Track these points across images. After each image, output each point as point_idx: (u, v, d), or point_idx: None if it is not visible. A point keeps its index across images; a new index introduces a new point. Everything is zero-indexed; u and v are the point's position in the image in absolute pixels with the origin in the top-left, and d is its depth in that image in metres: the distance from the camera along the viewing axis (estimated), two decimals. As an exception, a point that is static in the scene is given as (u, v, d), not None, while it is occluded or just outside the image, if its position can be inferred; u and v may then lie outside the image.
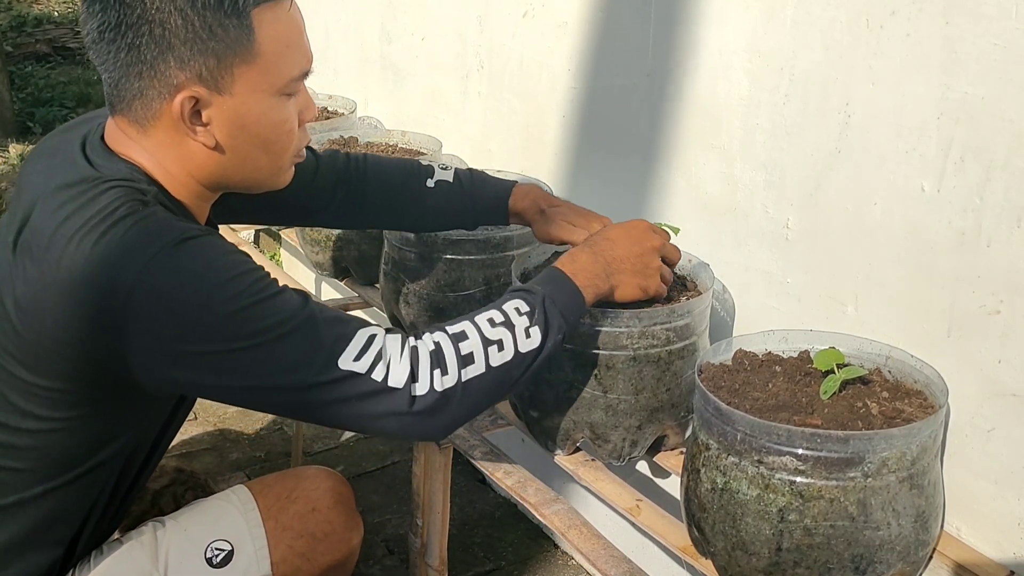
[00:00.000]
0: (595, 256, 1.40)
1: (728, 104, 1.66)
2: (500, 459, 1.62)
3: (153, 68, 1.21)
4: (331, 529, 1.48)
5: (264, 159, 1.30)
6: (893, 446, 1.20)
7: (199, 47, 1.20)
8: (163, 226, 1.19)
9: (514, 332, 1.27)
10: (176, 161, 1.28)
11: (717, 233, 1.73)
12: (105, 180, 1.22)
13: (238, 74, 1.22)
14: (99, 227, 1.17)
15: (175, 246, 1.17)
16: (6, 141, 5.33)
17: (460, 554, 2.26)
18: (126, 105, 1.26)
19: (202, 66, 1.21)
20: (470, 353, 1.24)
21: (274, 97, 1.27)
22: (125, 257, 1.15)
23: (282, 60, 1.25)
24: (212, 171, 1.29)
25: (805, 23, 1.50)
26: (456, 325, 1.27)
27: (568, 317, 1.32)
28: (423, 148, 2.38)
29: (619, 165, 1.93)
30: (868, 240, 1.47)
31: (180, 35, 1.19)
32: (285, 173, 1.36)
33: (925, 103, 1.35)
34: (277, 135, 1.29)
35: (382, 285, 2.00)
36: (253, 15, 1.21)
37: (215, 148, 1.26)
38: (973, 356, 1.35)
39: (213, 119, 1.24)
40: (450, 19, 2.40)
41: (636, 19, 1.82)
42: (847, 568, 1.22)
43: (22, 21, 7.81)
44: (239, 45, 1.21)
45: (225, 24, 1.20)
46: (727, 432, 1.25)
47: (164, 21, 1.19)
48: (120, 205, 1.19)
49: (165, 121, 1.25)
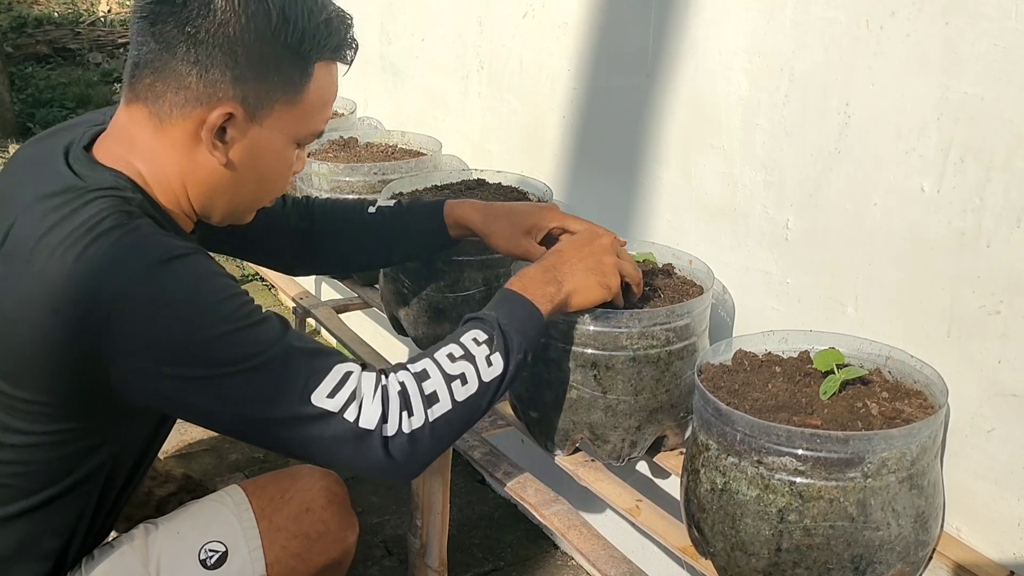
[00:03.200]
0: (544, 268, 1.39)
1: (728, 104, 1.66)
2: (500, 460, 1.62)
3: (207, 72, 1.21)
4: (326, 529, 1.47)
5: (252, 192, 1.34)
6: (893, 446, 1.20)
7: (259, 73, 1.22)
8: (149, 241, 1.18)
9: (475, 363, 1.25)
10: (177, 166, 1.27)
11: (717, 233, 1.73)
12: (90, 190, 1.21)
13: (276, 110, 1.26)
14: (83, 239, 1.15)
15: (160, 264, 1.16)
16: (6, 142, 5.34)
17: (459, 555, 2.26)
18: (155, 96, 1.24)
19: (252, 91, 1.23)
20: (434, 392, 1.23)
21: (287, 142, 1.30)
22: (108, 271, 1.14)
23: (315, 113, 1.30)
24: (206, 187, 1.29)
25: (805, 23, 1.50)
26: (418, 364, 1.25)
27: (528, 334, 1.31)
28: (423, 148, 2.38)
29: (619, 165, 1.93)
30: (868, 240, 1.47)
31: (248, 55, 1.21)
32: (254, 212, 1.40)
33: (925, 103, 1.35)
34: (275, 175, 1.33)
35: (382, 286, 2.00)
36: (316, 66, 1.27)
37: (224, 166, 1.27)
38: (973, 356, 1.35)
39: (235, 140, 1.26)
40: (450, 20, 2.40)
41: (636, 19, 1.82)
42: (847, 568, 1.22)
43: (22, 22, 7.81)
44: (291, 86, 1.26)
45: (291, 63, 1.24)
46: (727, 432, 1.25)
47: (239, 36, 1.20)
48: (105, 216, 1.17)
49: (189, 125, 1.24)
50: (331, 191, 2.18)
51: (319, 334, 3.38)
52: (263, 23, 1.21)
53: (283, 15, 1.22)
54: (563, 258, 1.41)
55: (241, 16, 1.20)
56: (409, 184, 2.08)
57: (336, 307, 2.30)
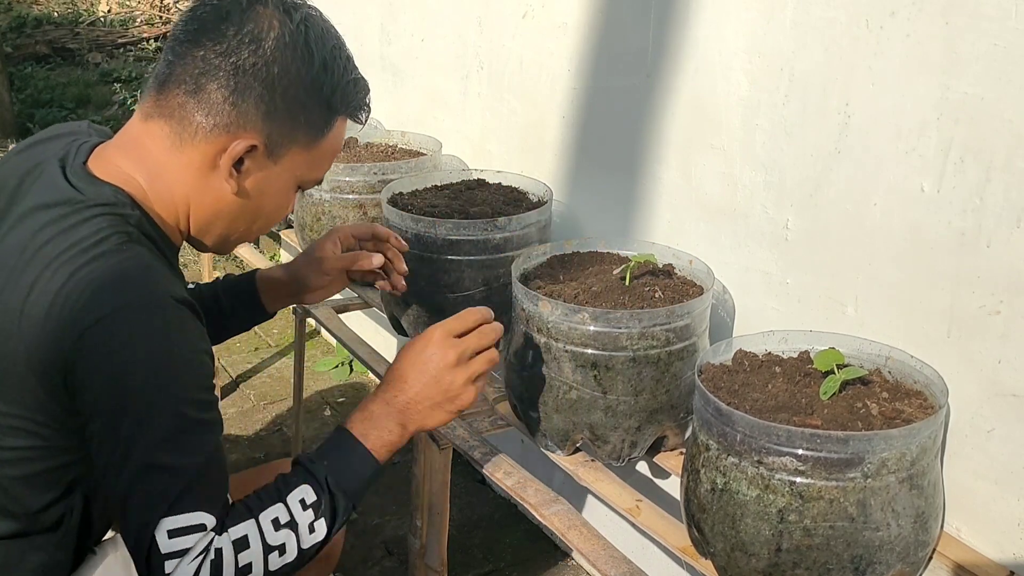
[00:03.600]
0: (387, 405, 1.33)
1: (728, 104, 1.66)
2: (500, 460, 1.62)
3: (241, 102, 1.24)
4: None
5: (248, 224, 1.37)
6: (893, 446, 1.20)
7: (289, 113, 1.27)
8: (147, 276, 1.19)
9: (298, 532, 1.22)
10: (187, 187, 1.29)
11: (717, 233, 1.73)
12: (89, 205, 1.21)
13: (293, 151, 1.30)
14: (79, 258, 1.15)
15: (151, 305, 1.16)
16: (6, 142, 5.34)
17: (460, 555, 2.26)
18: (183, 115, 1.25)
19: (278, 129, 1.27)
20: (248, 564, 1.19)
21: (292, 184, 1.34)
22: (99, 297, 1.14)
23: (322, 161, 1.35)
24: (209, 212, 1.31)
25: (805, 24, 1.50)
26: (240, 527, 1.21)
27: (357, 491, 1.28)
28: (423, 148, 2.38)
29: (618, 166, 1.93)
30: (868, 240, 1.47)
31: (284, 95, 1.25)
32: (237, 245, 1.44)
33: (925, 103, 1.35)
34: (271, 212, 1.37)
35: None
36: (337, 118, 1.33)
37: (234, 194, 1.30)
38: (973, 356, 1.35)
39: (249, 172, 1.29)
40: (450, 20, 2.40)
41: (636, 19, 1.82)
42: (847, 569, 1.22)
43: (22, 22, 7.81)
44: (313, 132, 1.30)
45: (318, 111, 1.29)
46: (727, 433, 1.25)
47: (280, 75, 1.25)
48: (104, 237, 1.17)
49: (210, 149, 1.26)
50: (331, 191, 2.18)
51: (319, 334, 3.38)
52: (305, 69, 1.26)
53: (324, 66, 1.28)
54: (406, 391, 1.34)
55: (288, 58, 1.25)
56: (409, 184, 2.08)
57: (336, 307, 2.29)
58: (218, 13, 1.24)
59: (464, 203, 1.97)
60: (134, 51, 7.47)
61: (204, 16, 1.25)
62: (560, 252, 1.78)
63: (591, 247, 1.80)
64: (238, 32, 1.23)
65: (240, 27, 1.23)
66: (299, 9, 1.28)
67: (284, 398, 2.99)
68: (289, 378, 3.06)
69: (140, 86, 6.28)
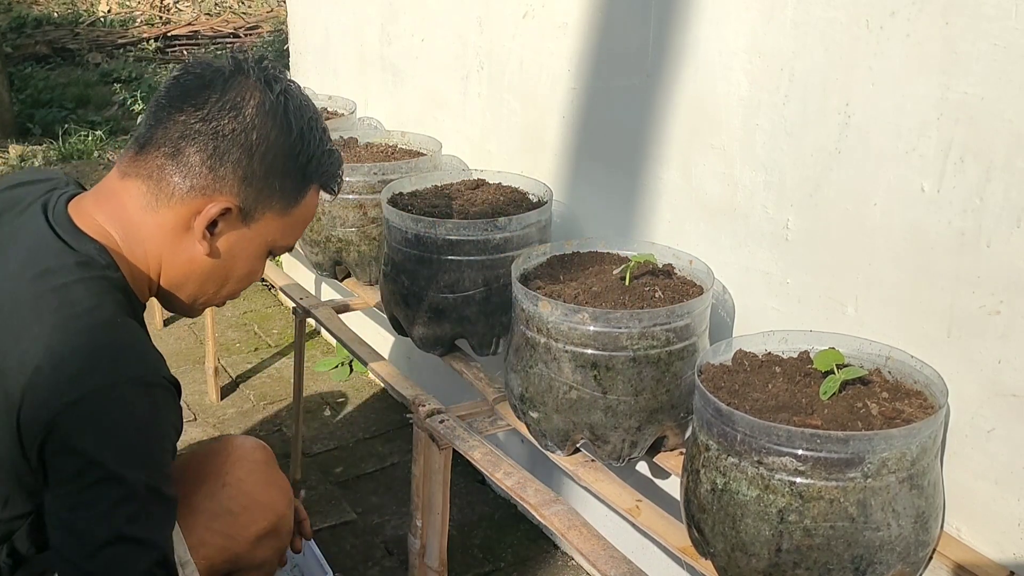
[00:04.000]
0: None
1: (728, 104, 1.66)
2: (500, 460, 1.62)
3: (219, 166, 1.28)
4: (249, 501, 1.46)
5: (216, 288, 1.40)
6: (893, 446, 1.20)
7: (265, 179, 1.31)
8: (140, 352, 1.22)
9: None
10: (160, 247, 1.31)
11: (717, 233, 1.73)
12: (80, 263, 1.23)
13: (267, 217, 1.34)
14: (72, 324, 1.18)
15: (144, 383, 1.19)
16: (6, 142, 5.33)
17: (459, 555, 2.26)
18: (160, 177, 1.28)
19: (253, 193, 1.31)
20: None
21: (264, 249, 1.39)
22: (95, 366, 1.17)
23: (293, 229, 1.40)
24: (180, 273, 1.34)
25: (805, 24, 1.50)
26: None
27: None
28: (423, 148, 2.38)
29: (619, 165, 1.93)
30: (868, 240, 1.47)
31: (262, 161, 1.29)
32: (204, 309, 1.46)
33: (925, 103, 1.35)
34: (242, 276, 1.40)
35: (382, 286, 2.00)
36: (311, 187, 1.38)
37: (207, 255, 1.33)
38: (973, 356, 1.35)
39: (222, 235, 1.33)
40: (450, 20, 2.40)
41: (636, 20, 1.82)
42: (847, 569, 1.22)
43: (22, 22, 7.81)
44: (288, 198, 1.35)
45: (292, 179, 1.34)
46: (727, 433, 1.25)
47: (258, 142, 1.29)
48: (97, 304, 1.20)
49: (185, 212, 1.29)
50: (331, 191, 2.18)
51: (319, 334, 3.38)
52: (283, 137, 1.31)
53: (301, 135, 1.32)
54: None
55: (268, 126, 1.29)
56: (409, 184, 2.08)
57: (336, 307, 2.30)
58: (201, 81, 1.29)
59: (464, 203, 1.97)
60: (134, 51, 7.47)
61: (187, 83, 1.30)
62: (560, 252, 1.78)
63: (591, 247, 1.80)
64: (220, 99, 1.28)
65: (222, 95, 1.28)
66: (279, 81, 1.33)
67: (284, 398, 2.99)
68: (289, 378, 3.06)
69: (140, 86, 6.29)
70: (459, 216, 1.90)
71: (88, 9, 8.46)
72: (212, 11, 8.43)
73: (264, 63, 1.34)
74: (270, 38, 7.31)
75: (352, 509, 2.46)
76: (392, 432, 2.81)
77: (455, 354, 1.94)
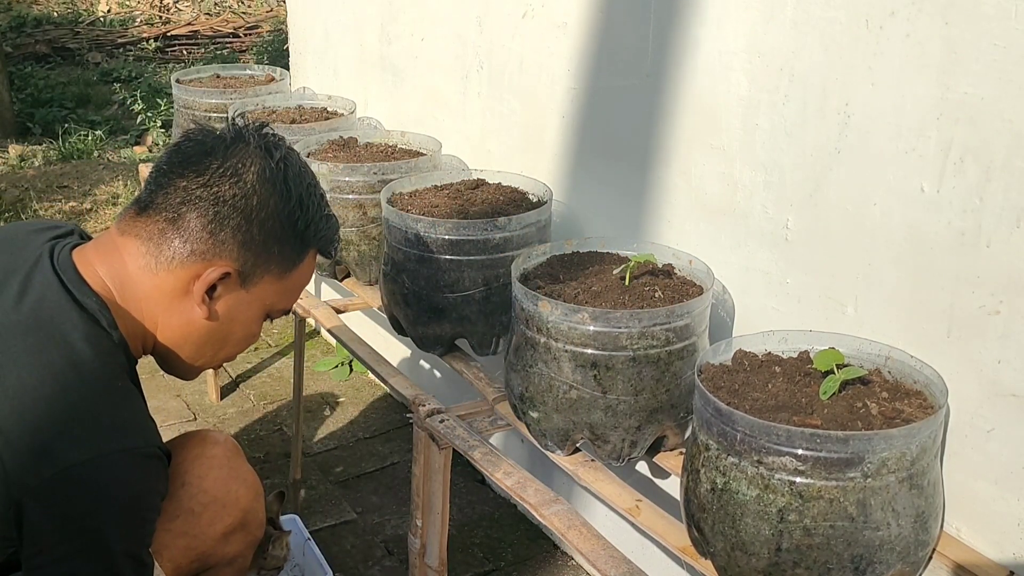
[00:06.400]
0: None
1: (728, 104, 1.66)
2: (500, 459, 1.62)
3: (219, 231, 1.29)
4: (209, 499, 1.46)
5: (213, 351, 1.41)
6: (893, 446, 1.20)
7: (264, 244, 1.33)
8: (140, 424, 1.23)
9: None
10: (157, 308, 1.32)
11: (717, 233, 1.73)
12: (84, 320, 1.24)
13: (265, 281, 1.36)
14: (73, 386, 1.19)
15: (142, 454, 1.21)
16: (6, 142, 5.33)
17: (460, 555, 2.26)
18: (161, 240, 1.29)
19: (252, 258, 1.33)
20: None
21: (262, 313, 1.40)
22: (94, 433, 1.18)
23: (293, 292, 1.43)
24: (177, 335, 1.35)
25: (805, 24, 1.50)
26: None
27: None
28: (423, 148, 2.38)
29: (618, 165, 1.93)
30: (868, 240, 1.47)
31: (261, 226, 1.31)
32: (200, 372, 1.47)
33: (925, 103, 1.35)
34: (239, 340, 1.41)
35: (382, 286, 2.00)
36: (309, 251, 1.41)
37: (205, 318, 1.34)
38: (973, 356, 1.35)
39: (220, 298, 1.34)
40: (450, 20, 2.40)
41: (636, 20, 1.82)
42: (847, 568, 1.22)
43: (22, 22, 7.81)
44: (286, 263, 1.37)
45: (291, 244, 1.37)
46: (727, 432, 1.25)
47: (258, 208, 1.31)
48: (99, 368, 1.21)
49: (184, 275, 1.31)
50: (331, 191, 2.18)
51: (319, 334, 3.38)
52: (282, 204, 1.33)
53: (300, 202, 1.35)
54: None
55: (267, 192, 1.31)
56: (409, 184, 2.08)
57: (336, 307, 2.29)
58: (203, 148, 1.31)
59: (464, 203, 1.97)
60: (134, 51, 7.47)
61: (189, 150, 1.32)
62: (560, 252, 1.78)
63: (591, 247, 1.80)
64: (221, 165, 1.30)
65: (223, 161, 1.30)
66: (279, 148, 1.35)
67: (284, 398, 2.99)
68: (289, 378, 3.06)
69: (139, 86, 6.29)
70: (459, 216, 1.90)
71: (88, 9, 8.45)
72: (212, 11, 8.43)
73: (264, 130, 1.36)
74: (270, 38, 7.32)
75: (352, 509, 2.46)
76: (392, 432, 2.81)
77: (455, 354, 1.94)
